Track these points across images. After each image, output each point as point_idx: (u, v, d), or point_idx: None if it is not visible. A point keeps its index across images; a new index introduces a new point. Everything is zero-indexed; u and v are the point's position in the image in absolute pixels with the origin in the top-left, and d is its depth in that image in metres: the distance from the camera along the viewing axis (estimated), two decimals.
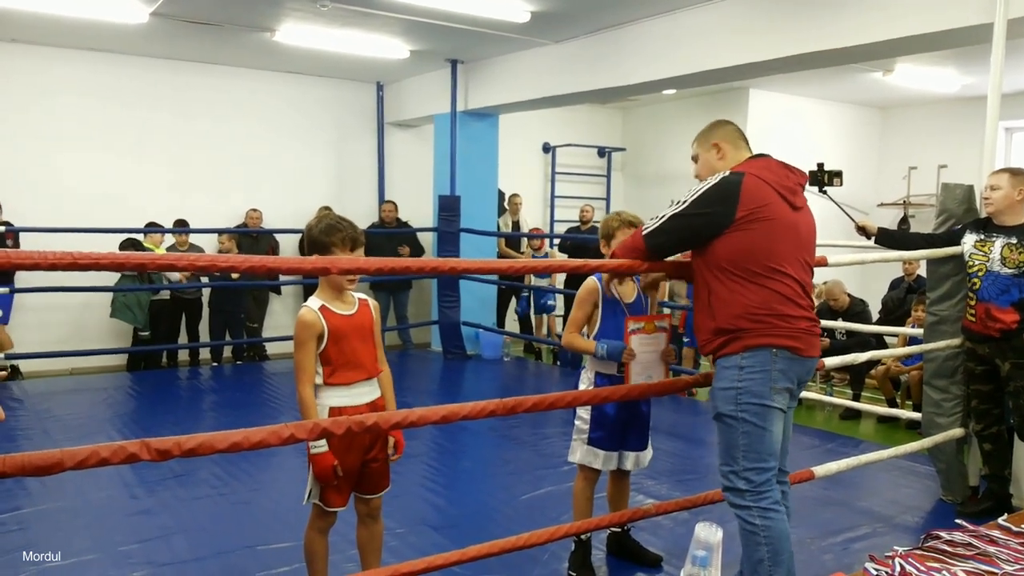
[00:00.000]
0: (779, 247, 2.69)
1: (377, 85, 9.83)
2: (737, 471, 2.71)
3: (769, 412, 2.69)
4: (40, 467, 1.98)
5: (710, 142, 2.96)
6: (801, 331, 2.72)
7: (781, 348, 2.69)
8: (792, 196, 2.76)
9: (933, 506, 4.52)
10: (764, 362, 2.68)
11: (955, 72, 8.36)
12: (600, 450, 3.42)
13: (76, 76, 8.12)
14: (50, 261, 1.96)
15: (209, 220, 8.50)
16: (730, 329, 2.70)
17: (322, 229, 2.80)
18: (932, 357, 4.51)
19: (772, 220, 2.67)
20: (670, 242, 2.82)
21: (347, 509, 2.94)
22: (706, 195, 2.71)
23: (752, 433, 2.69)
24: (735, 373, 2.70)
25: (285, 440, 2.31)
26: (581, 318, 3.46)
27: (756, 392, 2.68)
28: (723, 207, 2.67)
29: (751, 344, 2.68)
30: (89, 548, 3.71)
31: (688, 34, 6.38)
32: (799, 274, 2.74)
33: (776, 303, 2.68)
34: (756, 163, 2.79)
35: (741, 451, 2.71)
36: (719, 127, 3.01)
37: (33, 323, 7.84)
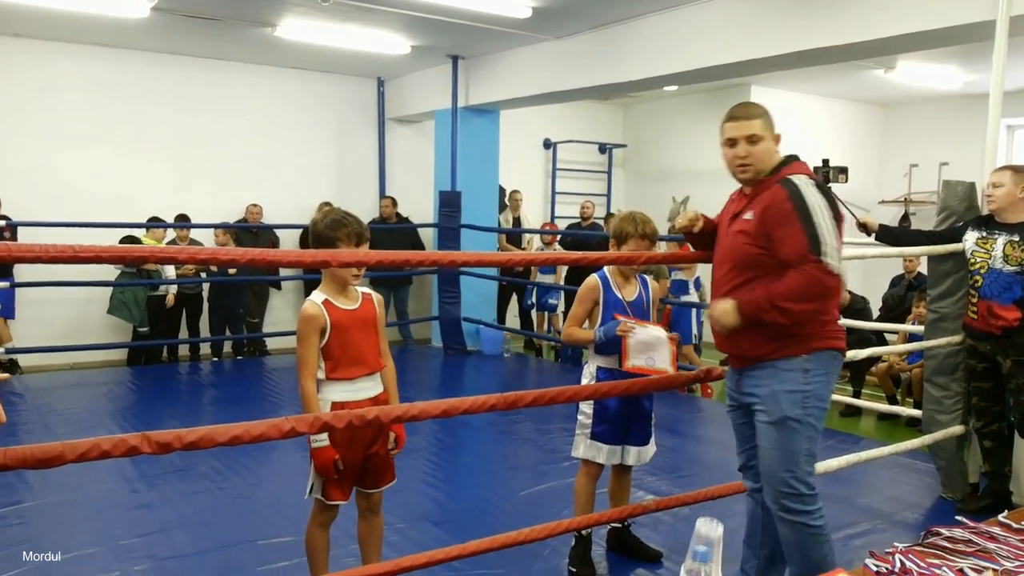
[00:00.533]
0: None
1: (378, 80, 9.82)
2: (800, 476, 2.68)
3: (825, 415, 2.74)
4: (41, 460, 1.99)
5: (772, 130, 2.81)
6: (843, 332, 2.79)
7: (838, 351, 2.72)
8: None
9: (933, 503, 4.53)
10: (826, 364, 2.69)
11: (957, 69, 8.35)
12: (603, 444, 3.43)
13: (77, 71, 8.12)
14: (51, 254, 1.96)
15: (210, 216, 8.49)
16: (796, 332, 2.64)
17: (327, 224, 2.80)
18: (933, 354, 4.51)
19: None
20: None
21: (348, 504, 2.94)
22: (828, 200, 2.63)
23: (814, 437, 2.69)
24: (800, 376, 2.66)
25: (286, 434, 2.32)
26: (582, 314, 3.46)
27: (821, 396, 2.68)
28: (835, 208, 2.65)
29: (817, 347, 2.66)
30: (90, 542, 3.72)
31: (690, 30, 6.37)
32: None
33: (833, 308, 2.73)
34: (807, 168, 2.81)
35: (803, 455, 2.68)
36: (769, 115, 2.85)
37: (33, 318, 7.84)
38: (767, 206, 2.63)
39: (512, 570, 3.49)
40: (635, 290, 3.48)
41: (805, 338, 2.66)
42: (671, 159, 10.96)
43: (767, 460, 2.73)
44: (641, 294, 3.49)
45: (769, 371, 2.70)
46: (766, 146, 2.74)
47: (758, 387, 2.74)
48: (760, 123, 2.74)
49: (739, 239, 2.73)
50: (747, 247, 2.69)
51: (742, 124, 2.75)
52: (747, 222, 2.70)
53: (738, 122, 2.76)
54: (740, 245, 2.72)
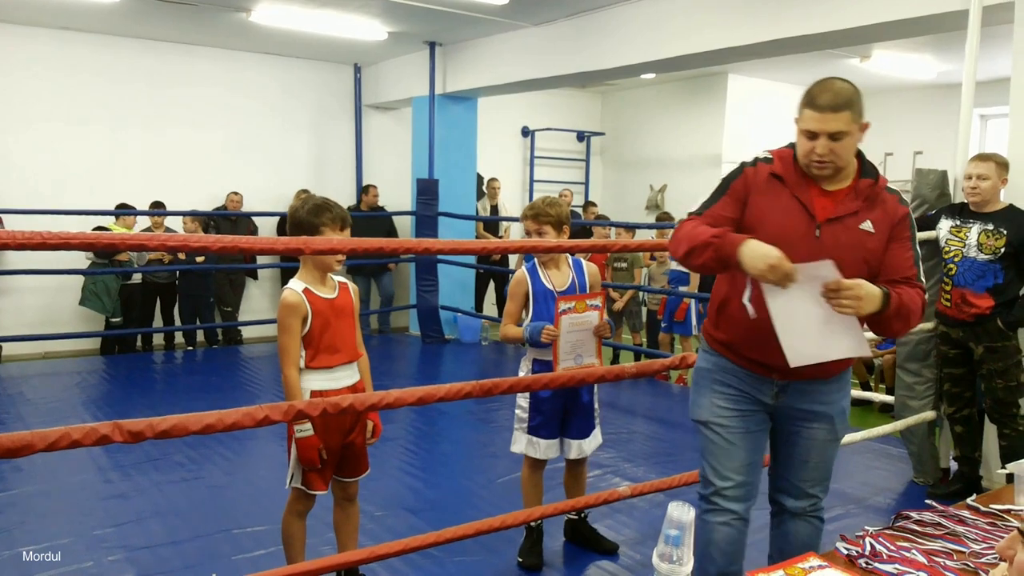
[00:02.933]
0: None
1: (355, 67, 9.75)
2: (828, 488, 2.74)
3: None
4: (10, 449, 1.96)
5: (861, 120, 2.35)
6: None
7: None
8: None
9: (905, 488, 4.59)
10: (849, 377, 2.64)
11: (932, 59, 8.42)
12: (540, 439, 3.39)
13: (50, 56, 7.99)
14: (19, 241, 1.93)
15: (187, 203, 8.40)
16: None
17: (310, 209, 2.77)
18: (905, 341, 4.56)
19: None
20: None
21: (323, 493, 2.94)
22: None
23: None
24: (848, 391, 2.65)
25: (259, 422, 2.30)
26: (515, 310, 3.43)
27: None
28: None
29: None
30: (63, 532, 3.68)
31: (667, 18, 6.37)
32: None
33: None
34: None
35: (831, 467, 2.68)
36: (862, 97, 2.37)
37: (6, 306, 7.74)
38: (894, 224, 2.37)
39: (489, 556, 3.50)
40: (567, 277, 3.42)
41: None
42: (649, 147, 10.99)
43: (817, 473, 2.67)
44: (574, 280, 3.42)
45: (839, 385, 2.57)
46: (851, 142, 2.33)
47: (830, 403, 2.55)
48: (848, 116, 2.28)
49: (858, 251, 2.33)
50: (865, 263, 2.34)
51: (827, 118, 2.28)
52: (869, 236, 2.34)
53: (822, 114, 2.29)
54: (858, 259, 2.32)
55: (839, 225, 2.34)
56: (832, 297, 2.19)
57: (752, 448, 2.60)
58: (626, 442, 5.33)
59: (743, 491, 2.60)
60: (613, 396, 6.51)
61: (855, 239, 2.33)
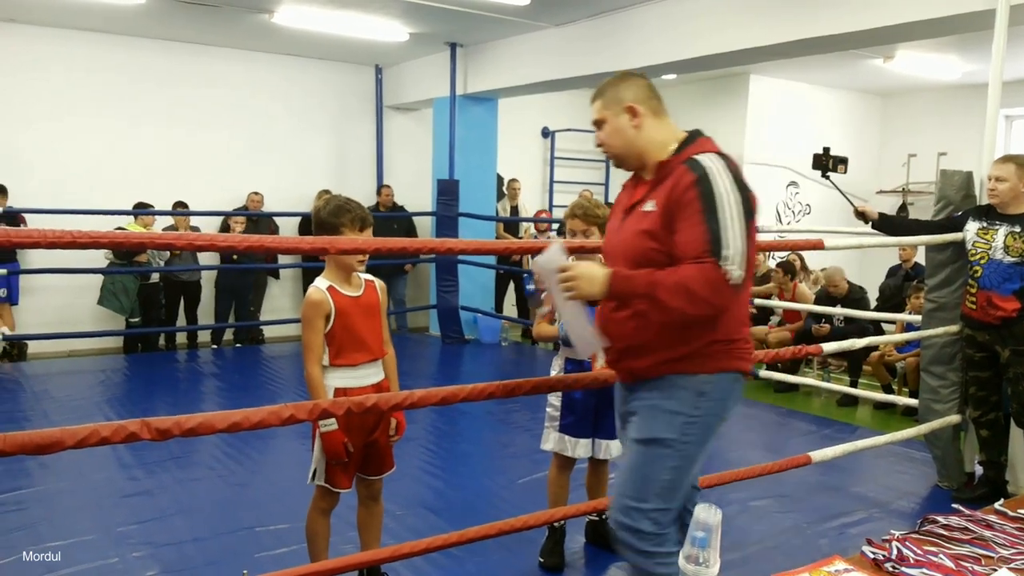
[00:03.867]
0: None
1: (376, 68, 9.78)
2: (644, 510, 2.23)
3: (707, 447, 2.31)
4: (40, 446, 1.99)
5: (622, 104, 2.32)
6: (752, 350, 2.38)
7: (742, 373, 2.31)
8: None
9: (929, 492, 4.55)
10: (727, 389, 2.28)
11: (956, 59, 8.34)
12: (572, 437, 3.39)
13: (74, 58, 8.07)
14: (49, 239, 1.95)
15: (209, 203, 8.47)
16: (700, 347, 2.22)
17: (330, 210, 2.80)
18: (930, 344, 4.52)
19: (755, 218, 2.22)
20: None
21: (346, 491, 2.95)
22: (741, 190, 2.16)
23: (682, 468, 2.26)
24: (692, 398, 2.23)
25: (285, 420, 2.32)
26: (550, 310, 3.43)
27: (709, 424, 2.27)
28: (748, 196, 2.18)
29: (721, 367, 2.25)
30: (88, 529, 3.72)
31: (689, 18, 6.35)
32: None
33: (743, 320, 2.32)
34: (713, 144, 2.30)
35: (658, 487, 2.24)
36: (631, 83, 2.36)
37: (30, 305, 7.83)
38: (676, 196, 2.16)
39: (510, 557, 3.50)
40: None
41: (709, 355, 2.24)
42: None
43: (622, 477, 2.32)
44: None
45: (660, 385, 2.27)
46: (613, 127, 2.34)
47: (642, 400, 2.31)
48: (599, 104, 2.37)
49: (636, 236, 2.25)
50: (645, 245, 2.20)
51: (591, 110, 2.41)
52: (647, 215, 2.22)
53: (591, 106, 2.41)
54: (637, 243, 2.23)
55: (633, 213, 2.31)
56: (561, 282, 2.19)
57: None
58: None
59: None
60: None
61: (636, 223, 2.27)
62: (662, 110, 2.38)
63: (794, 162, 10.20)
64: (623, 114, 2.32)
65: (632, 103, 2.31)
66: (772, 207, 10.31)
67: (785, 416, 6.32)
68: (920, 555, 1.94)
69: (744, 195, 2.16)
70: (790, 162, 10.22)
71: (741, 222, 2.12)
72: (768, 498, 4.30)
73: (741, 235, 2.11)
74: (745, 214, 2.14)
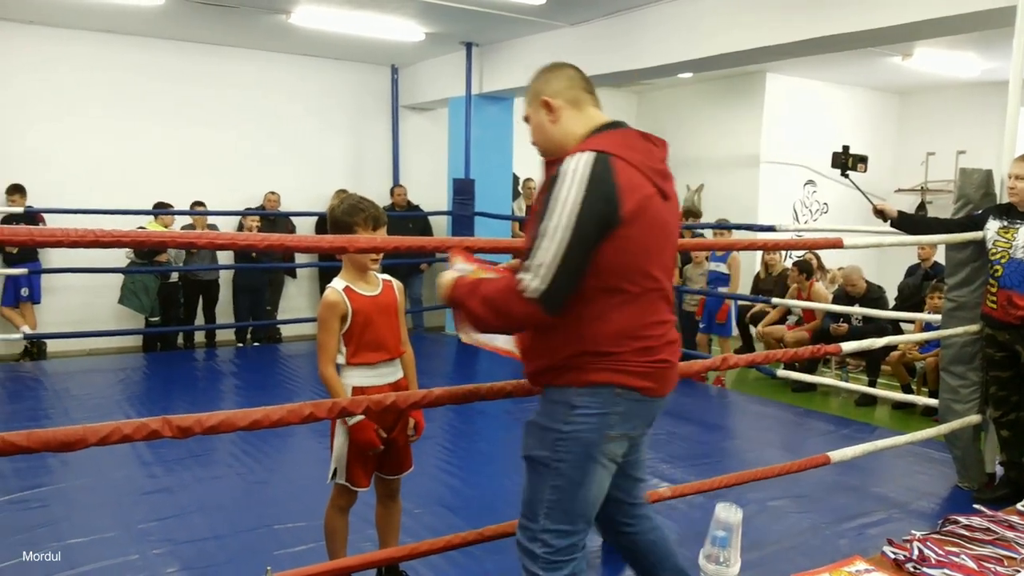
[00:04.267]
0: (655, 254, 2.09)
1: (392, 68, 9.81)
2: (535, 530, 2.13)
3: (594, 467, 2.12)
4: (64, 443, 2.01)
5: (539, 99, 2.24)
6: (658, 365, 2.13)
7: (627, 388, 2.09)
8: (663, 181, 2.14)
9: (949, 492, 4.51)
10: (603, 404, 2.09)
11: (976, 56, 8.27)
12: None
13: (92, 58, 8.14)
14: (73, 239, 1.97)
15: (226, 203, 8.52)
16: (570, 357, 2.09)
17: (344, 209, 2.82)
18: (950, 343, 4.49)
19: (651, 219, 2.06)
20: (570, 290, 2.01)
21: (365, 489, 2.96)
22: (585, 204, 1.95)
23: (565, 490, 2.10)
24: (563, 411, 2.10)
25: (304, 419, 2.33)
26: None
27: (584, 440, 2.09)
28: (604, 206, 1.97)
29: (596, 380, 2.07)
30: (109, 526, 3.76)
31: (705, 16, 6.33)
32: (669, 284, 2.18)
33: (635, 331, 2.08)
34: (614, 138, 2.11)
35: (545, 507, 2.12)
36: (552, 75, 2.28)
37: (50, 304, 7.90)
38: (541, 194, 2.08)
39: None
40: None
41: (579, 368, 2.08)
42: (685, 147, 10.90)
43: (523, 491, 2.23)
44: None
45: (542, 398, 2.21)
46: (537, 123, 2.25)
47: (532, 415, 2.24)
48: (525, 101, 2.32)
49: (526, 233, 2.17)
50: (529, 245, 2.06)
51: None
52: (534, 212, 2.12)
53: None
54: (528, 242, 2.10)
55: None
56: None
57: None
58: (664, 443, 5.30)
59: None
60: None
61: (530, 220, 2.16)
62: (585, 100, 2.24)
63: (811, 161, 10.15)
64: (540, 109, 2.23)
65: (547, 97, 2.22)
66: (789, 206, 10.26)
67: (803, 416, 6.29)
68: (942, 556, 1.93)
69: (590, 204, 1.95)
70: (807, 160, 10.17)
71: (565, 232, 1.95)
72: (786, 498, 4.28)
73: (557, 246, 1.95)
74: (577, 226, 1.94)
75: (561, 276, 1.96)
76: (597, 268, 2.00)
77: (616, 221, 1.98)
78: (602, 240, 1.98)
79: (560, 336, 2.09)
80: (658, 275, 2.10)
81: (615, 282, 2.03)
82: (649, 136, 2.18)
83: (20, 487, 4.20)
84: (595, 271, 2.01)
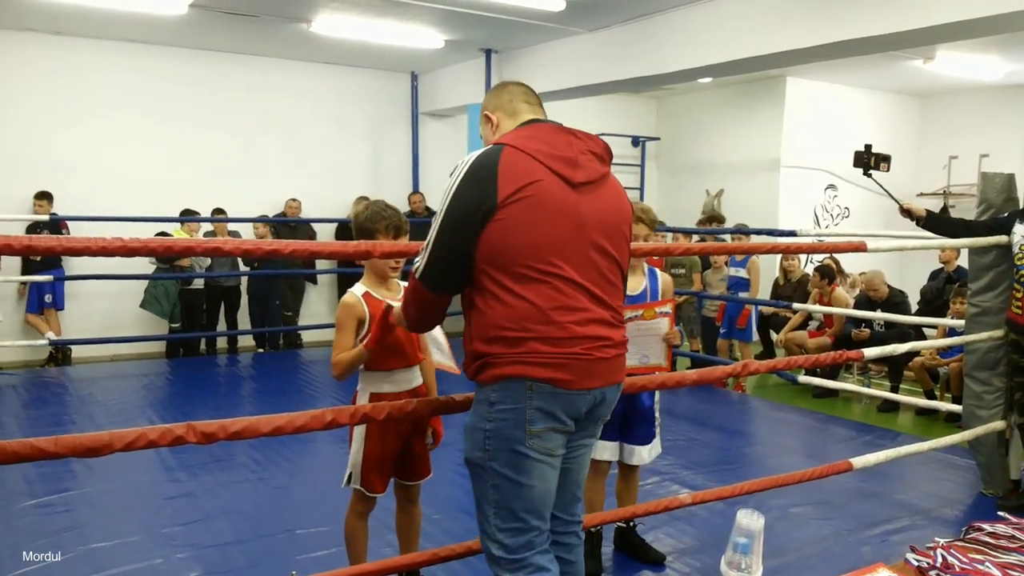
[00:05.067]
0: (549, 239, 2.06)
1: (411, 75, 9.86)
2: (489, 532, 2.16)
3: (525, 462, 2.09)
4: (91, 448, 2.04)
5: (483, 114, 2.36)
6: (572, 356, 2.08)
7: (537, 380, 2.07)
8: (570, 169, 2.13)
9: (973, 499, 4.47)
10: (516, 397, 2.08)
11: (999, 59, 8.20)
12: (600, 440, 3.37)
13: (117, 68, 8.24)
14: (101, 246, 2.01)
15: (248, 209, 8.60)
16: (482, 353, 2.12)
17: (368, 216, 2.84)
18: (974, 349, 4.45)
19: (537, 203, 2.06)
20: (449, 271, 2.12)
21: (385, 495, 2.98)
22: (459, 190, 2.07)
23: (504, 488, 2.11)
24: (484, 409, 2.13)
25: (327, 425, 2.35)
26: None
27: (507, 436, 2.09)
28: (478, 192, 2.04)
29: (505, 373, 2.08)
30: (133, 530, 3.80)
31: (724, 21, 6.32)
32: (584, 274, 2.11)
33: (537, 319, 2.06)
34: (521, 132, 2.19)
35: (492, 507, 2.14)
36: (494, 92, 2.38)
37: (74, 311, 8.00)
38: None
39: None
40: (640, 282, 3.43)
41: (490, 363, 2.11)
42: (705, 152, 10.89)
43: None
44: (647, 287, 3.43)
45: (474, 397, 2.24)
46: (483, 138, 2.36)
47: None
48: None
49: None
50: None
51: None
52: None
53: None
54: None
55: None
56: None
57: None
58: (684, 449, 5.29)
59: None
60: (671, 403, 6.45)
61: None
62: (523, 109, 2.31)
63: (832, 164, 10.09)
64: (485, 124, 2.36)
65: (488, 112, 2.34)
66: (810, 210, 10.21)
67: (824, 422, 6.25)
68: (966, 563, 1.92)
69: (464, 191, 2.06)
70: (828, 165, 10.12)
71: (441, 217, 2.09)
72: (808, 504, 4.26)
73: (435, 230, 2.10)
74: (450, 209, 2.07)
75: (435, 255, 2.10)
76: (484, 253, 2.06)
77: (492, 205, 2.03)
78: (483, 225, 2.04)
79: (469, 328, 2.17)
80: (557, 262, 2.07)
81: (505, 267, 2.05)
82: (572, 130, 2.22)
83: (46, 491, 4.26)
84: (484, 256, 2.06)
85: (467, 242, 2.06)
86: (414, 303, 2.25)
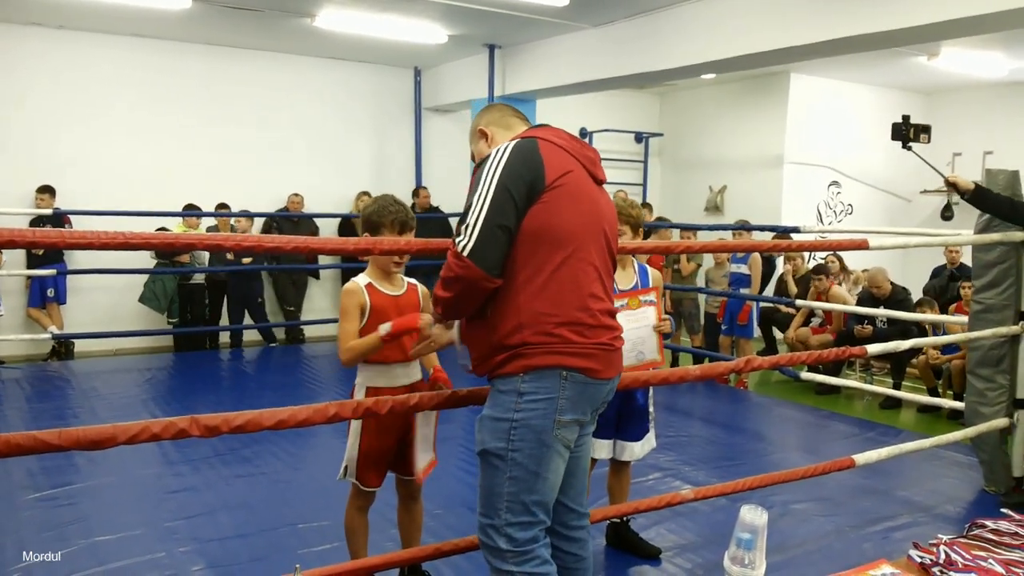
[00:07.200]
0: (582, 227, 2.17)
1: (415, 70, 9.85)
2: (497, 526, 2.17)
3: (547, 453, 2.16)
4: (95, 441, 2.04)
5: (476, 131, 2.48)
6: (599, 346, 2.19)
7: (573, 370, 2.14)
8: (594, 167, 2.29)
9: (975, 496, 4.47)
10: (551, 388, 2.13)
11: (1003, 56, 8.18)
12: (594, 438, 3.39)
13: (120, 62, 8.24)
14: (103, 240, 2.01)
15: (251, 205, 8.59)
16: (508, 345, 2.15)
17: (374, 210, 2.85)
18: (977, 346, 4.44)
19: (575, 191, 2.16)
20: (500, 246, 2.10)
21: (387, 489, 2.98)
22: (510, 163, 2.12)
23: (522, 480, 2.15)
24: (512, 400, 2.15)
25: (330, 418, 2.36)
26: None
27: (536, 426, 2.14)
28: (529, 170, 2.12)
29: (537, 364, 2.12)
30: (136, 523, 3.80)
31: (728, 17, 6.30)
32: (603, 264, 2.24)
33: (575, 299, 2.14)
34: (540, 130, 2.29)
35: (505, 501, 2.16)
36: (485, 111, 2.52)
37: (76, 305, 8.01)
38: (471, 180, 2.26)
39: None
40: (631, 278, 3.43)
41: (520, 354, 2.14)
42: (708, 148, 10.87)
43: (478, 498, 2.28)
44: (637, 282, 3.44)
45: (490, 393, 2.25)
46: (476, 153, 2.50)
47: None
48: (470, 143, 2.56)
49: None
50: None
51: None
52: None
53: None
54: None
55: None
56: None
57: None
58: (685, 445, 5.29)
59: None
60: (671, 399, 6.46)
61: None
62: (516, 123, 2.47)
63: (835, 161, 10.08)
64: (480, 140, 2.47)
65: (482, 126, 2.46)
66: (813, 207, 10.19)
67: (826, 419, 6.25)
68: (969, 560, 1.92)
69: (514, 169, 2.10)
70: (831, 161, 10.10)
71: (490, 194, 2.08)
72: (810, 501, 4.26)
73: (482, 207, 2.08)
74: (499, 187, 2.08)
75: (486, 231, 2.07)
76: (527, 233, 2.10)
77: (541, 186, 2.11)
78: (529, 204, 2.10)
79: (500, 309, 2.15)
80: (590, 249, 2.17)
81: (546, 246, 2.11)
82: (577, 137, 2.34)
83: (49, 484, 4.27)
84: (526, 237, 2.10)
85: (519, 216, 2.10)
86: (455, 286, 2.12)
